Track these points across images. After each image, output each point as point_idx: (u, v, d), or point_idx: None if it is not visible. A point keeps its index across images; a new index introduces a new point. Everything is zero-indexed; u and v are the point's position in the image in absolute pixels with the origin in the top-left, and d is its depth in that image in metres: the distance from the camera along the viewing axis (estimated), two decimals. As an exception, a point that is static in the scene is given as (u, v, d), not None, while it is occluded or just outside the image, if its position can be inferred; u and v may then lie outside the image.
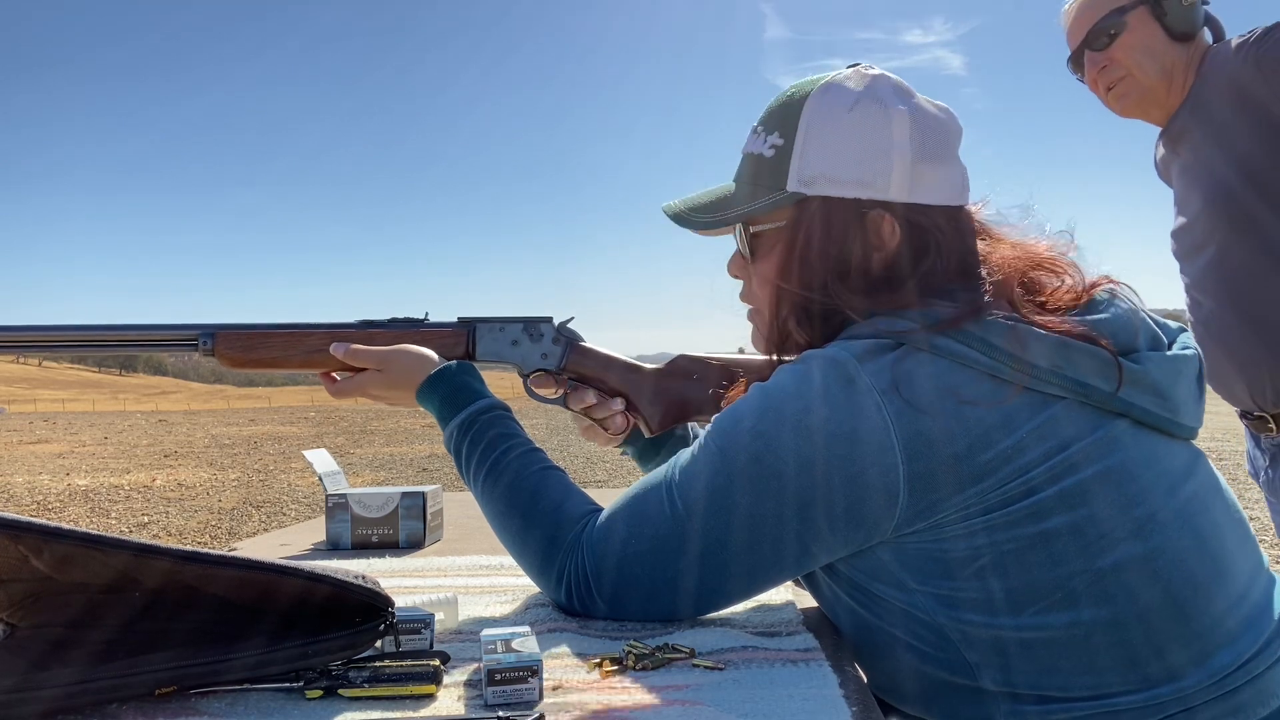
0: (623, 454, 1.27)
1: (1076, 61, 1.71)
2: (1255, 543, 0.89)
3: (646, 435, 1.23)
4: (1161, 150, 1.75)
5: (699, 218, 0.97)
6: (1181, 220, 1.68)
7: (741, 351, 1.23)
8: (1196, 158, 1.63)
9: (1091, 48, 1.66)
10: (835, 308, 0.89)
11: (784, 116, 0.92)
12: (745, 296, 1.00)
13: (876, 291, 0.88)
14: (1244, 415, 1.66)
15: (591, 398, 1.20)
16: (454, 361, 1.12)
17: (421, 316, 1.21)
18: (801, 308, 0.91)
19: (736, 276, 1.00)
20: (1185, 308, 1.71)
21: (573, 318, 1.23)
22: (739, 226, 0.96)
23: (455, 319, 1.22)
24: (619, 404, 1.20)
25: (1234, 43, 1.59)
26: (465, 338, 1.20)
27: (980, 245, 0.91)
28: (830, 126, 0.90)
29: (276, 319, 1.22)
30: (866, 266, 0.89)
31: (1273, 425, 1.60)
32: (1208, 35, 1.65)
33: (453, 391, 1.07)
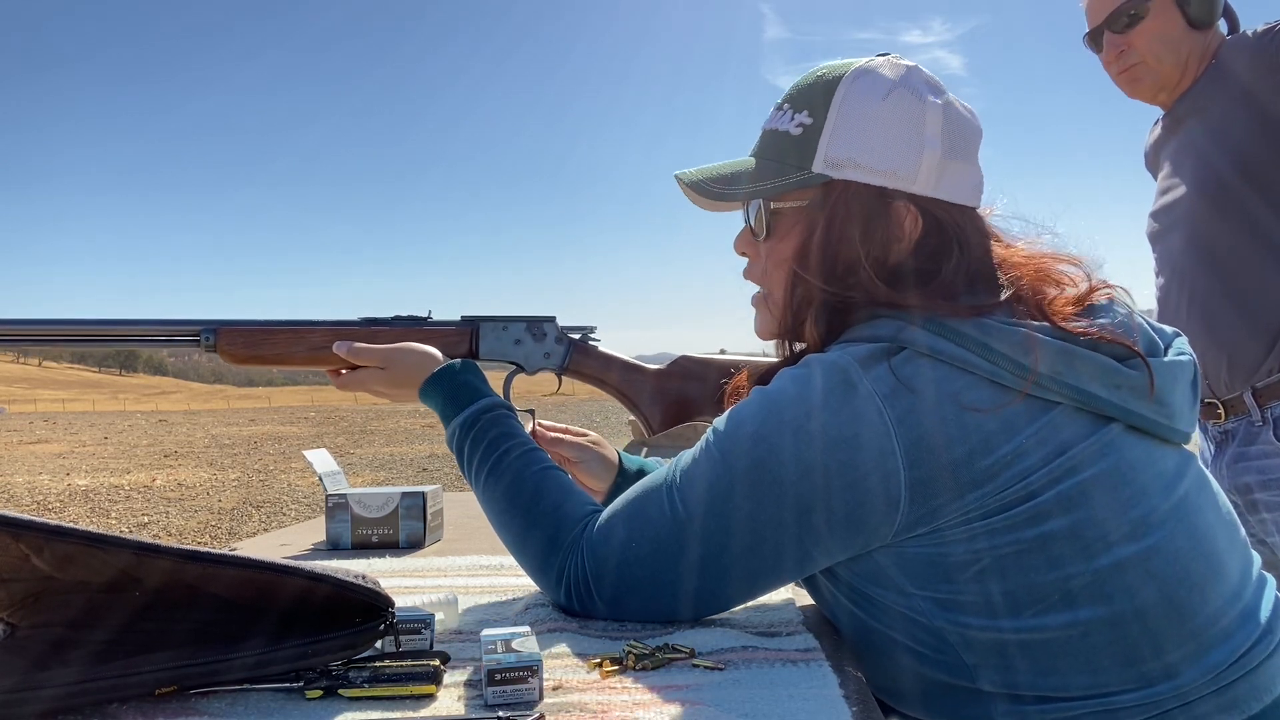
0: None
1: (1094, 39, 1.71)
2: (1245, 542, 0.90)
3: (647, 435, 1.23)
4: (1158, 132, 1.74)
5: (718, 188, 0.94)
6: (1165, 200, 1.68)
7: (724, 352, 1.23)
8: (1192, 140, 1.63)
9: (1111, 29, 1.65)
10: (846, 301, 0.88)
11: (815, 96, 0.90)
12: (752, 275, 0.98)
13: (890, 285, 0.86)
14: None
15: (530, 426, 1.20)
16: (457, 360, 1.12)
17: (425, 315, 1.21)
18: (816, 296, 0.89)
19: (743, 254, 0.98)
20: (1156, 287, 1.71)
21: (595, 327, 1.23)
22: (757, 202, 0.93)
23: (459, 317, 1.22)
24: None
25: (1254, 31, 1.59)
26: (469, 336, 1.20)
27: (996, 248, 0.90)
28: (864, 111, 0.88)
29: (279, 316, 1.21)
30: (885, 257, 0.88)
31: (1221, 412, 1.61)
32: (1222, 26, 1.66)
33: (456, 390, 1.08)
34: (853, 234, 0.88)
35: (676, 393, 1.20)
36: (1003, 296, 0.85)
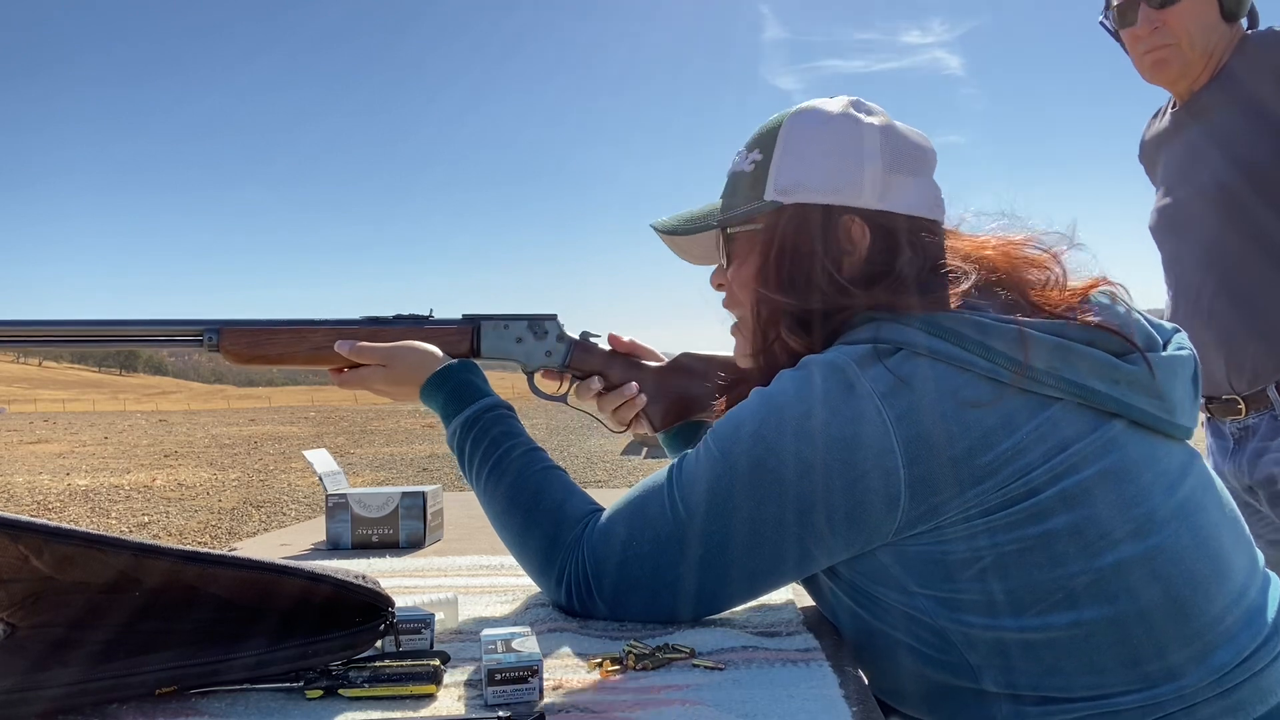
0: (623, 454, 1.27)
1: (1125, 14, 1.65)
2: (1250, 541, 0.90)
3: (649, 432, 1.22)
4: (1162, 125, 1.72)
5: (684, 226, 1.03)
6: (1169, 202, 1.67)
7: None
8: (1197, 145, 1.62)
9: (1149, 3, 1.61)
10: (824, 311, 0.91)
11: (765, 136, 0.97)
12: (728, 304, 1.03)
13: (847, 293, 0.90)
14: (1209, 401, 1.66)
15: (597, 388, 1.20)
16: (457, 360, 1.12)
17: (426, 313, 1.21)
18: (786, 313, 0.92)
19: (719, 286, 1.04)
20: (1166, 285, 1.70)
21: (600, 336, 1.23)
22: (719, 236, 1.00)
23: (460, 316, 1.21)
24: (632, 388, 1.19)
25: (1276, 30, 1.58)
26: (470, 334, 1.20)
27: (953, 241, 0.93)
28: (805, 139, 0.94)
29: (281, 316, 1.21)
30: (838, 267, 0.91)
31: (1242, 407, 1.61)
32: (1243, 22, 1.64)
33: (456, 389, 1.08)
34: (804, 249, 0.92)
35: (679, 389, 1.20)
36: (972, 279, 0.87)
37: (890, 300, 0.87)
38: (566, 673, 0.77)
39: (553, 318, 1.21)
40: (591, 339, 1.22)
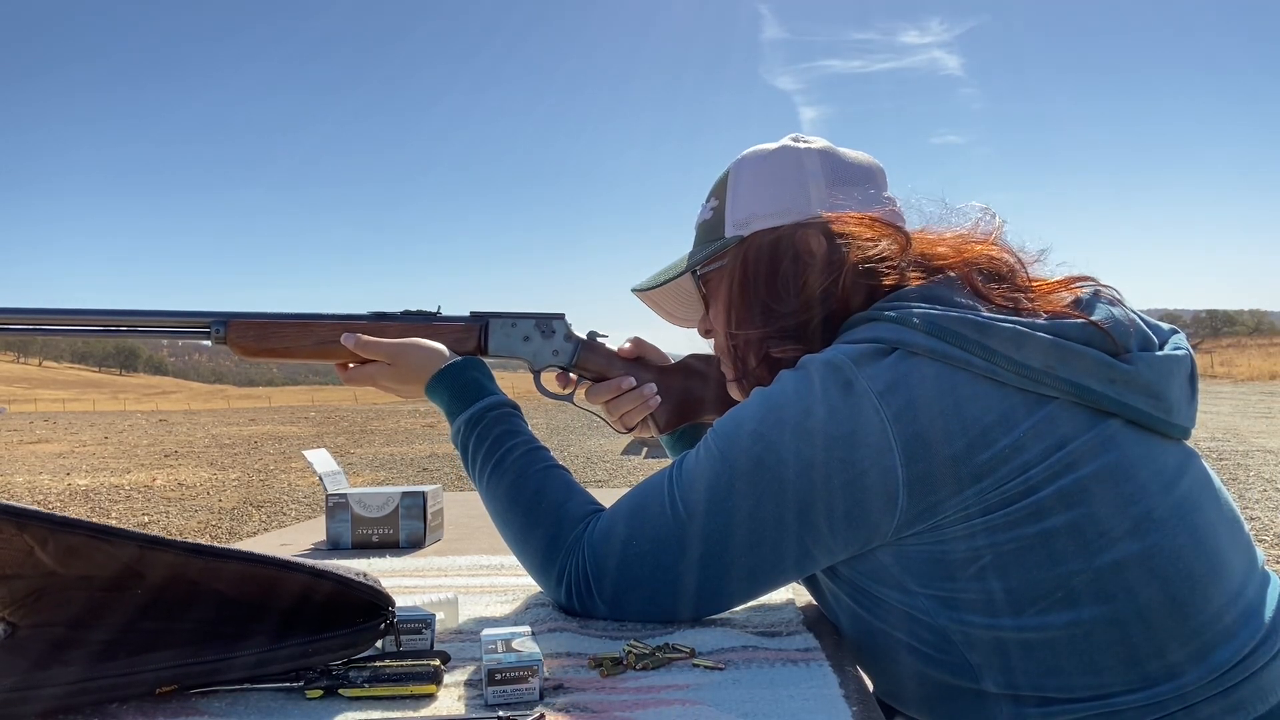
0: (623, 453, 1.28)
1: None
2: (1249, 539, 0.90)
3: (654, 433, 1.22)
4: None
5: (657, 280, 1.10)
6: None
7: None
8: None
9: None
10: (797, 325, 0.93)
11: (718, 184, 1.05)
12: (717, 348, 1.07)
13: (819, 301, 0.93)
14: None
15: (607, 393, 1.20)
16: (463, 357, 1.12)
17: (434, 310, 1.21)
18: (763, 338, 0.95)
19: (706, 334, 1.09)
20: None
21: (608, 336, 1.24)
22: (693, 280, 1.05)
23: (468, 313, 1.21)
24: (650, 389, 1.19)
25: None
26: (477, 332, 1.19)
27: (919, 245, 0.94)
28: (751, 176, 1.01)
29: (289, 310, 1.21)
30: (804, 278, 0.95)
31: None
32: None
33: (461, 387, 1.08)
34: (768, 271, 0.97)
35: (684, 391, 1.20)
36: (944, 280, 0.88)
37: (848, 293, 0.91)
38: (566, 673, 0.77)
39: (560, 317, 1.21)
40: (599, 339, 1.22)
